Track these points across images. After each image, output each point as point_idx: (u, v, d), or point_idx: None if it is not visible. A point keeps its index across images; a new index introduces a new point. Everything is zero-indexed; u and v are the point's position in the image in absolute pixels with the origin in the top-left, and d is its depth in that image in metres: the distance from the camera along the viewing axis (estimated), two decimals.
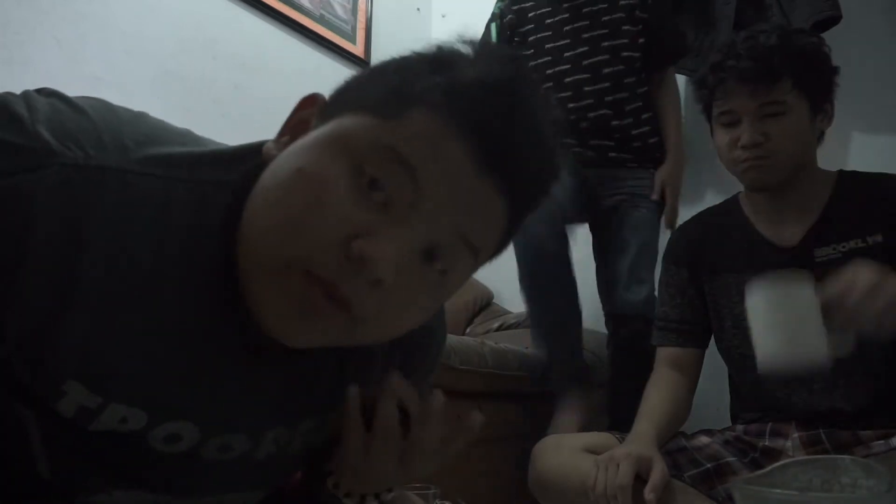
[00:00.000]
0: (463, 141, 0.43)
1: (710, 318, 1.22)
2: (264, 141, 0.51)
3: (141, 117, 0.51)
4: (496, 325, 2.29)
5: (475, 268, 0.50)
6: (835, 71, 1.08)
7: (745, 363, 1.16)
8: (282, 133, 0.50)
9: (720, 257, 1.18)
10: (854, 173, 1.12)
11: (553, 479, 1.12)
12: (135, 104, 0.58)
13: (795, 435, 1.04)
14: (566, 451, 1.13)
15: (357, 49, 2.55)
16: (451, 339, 1.52)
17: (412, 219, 0.43)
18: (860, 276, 0.80)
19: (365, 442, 0.54)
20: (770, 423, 1.09)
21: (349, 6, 2.55)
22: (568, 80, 1.72)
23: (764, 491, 0.60)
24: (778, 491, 0.61)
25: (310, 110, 0.49)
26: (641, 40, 1.70)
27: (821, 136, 1.12)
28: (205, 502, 0.57)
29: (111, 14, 1.75)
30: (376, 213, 0.42)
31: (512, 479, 1.41)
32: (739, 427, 1.14)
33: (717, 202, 1.95)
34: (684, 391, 1.20)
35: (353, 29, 2.55)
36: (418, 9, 2.96)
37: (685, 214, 1.51)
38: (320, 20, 2.39)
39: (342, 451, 0.55)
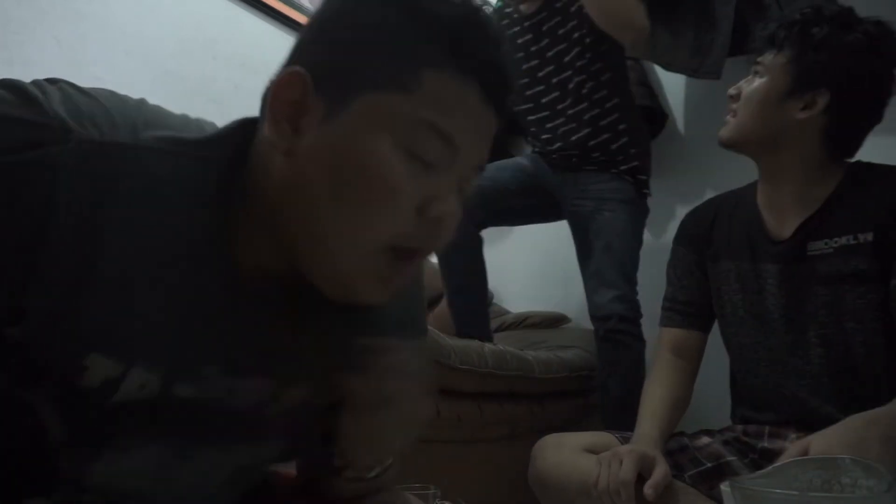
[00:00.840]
0: (472, 87, 0.50)
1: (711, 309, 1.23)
2: (245, 119, 0.57)
3: (143, 103, 0.56)
4: (496, 325, 2.29)
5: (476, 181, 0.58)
6: (871, 74, 1.03)
7: (742, 352, 1.17)
8: (274, 118, 0.51)
9: (723, 243, 1.18)
10: (865, 166, 1.11)
11: (553, 477, 1.12)
12: None
13: (793, 436, 1.04)
14: (566, 450, 1.13)
15: None
16: (451, 339, 1.52)
17: (453, 170, 0.51)
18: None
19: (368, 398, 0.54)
20: (768, 426, 1.09)
21: None
22: (544, 100, 1.75)
23: (764, 491, 0.60)
24: (778, 491, 0.61)
25: (293, 90, 0.51)
26: (588, 39, 1.66)
27: (838, 143, 1.08)
28: (217, 458, 0.58)
29: (111, 14, 1.75)
30: (427, 176, 0.49)
31: (512, 478, 1.41)
32: (739, 427, 1.15)
33: None
34: (686, 378, 1.21)
35: None
36: None
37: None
38: None
39: (345, 418, 0.55)
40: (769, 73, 1.06)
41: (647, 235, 2.13)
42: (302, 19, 2.30)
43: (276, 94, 0.52)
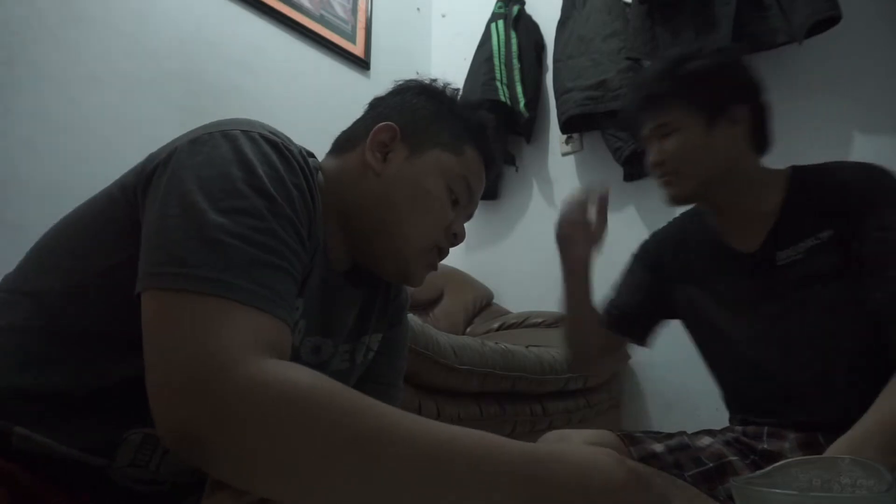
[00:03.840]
0: (484, 164, 0.83)
1: (652, 322, 1.26)
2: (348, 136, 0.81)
3: None
4: (496, 325, 2.29)
5: None
6: (732, 83, 1.10)
7: (728, 367, 1.18)
8: (372, 150, 0.77)
9: (690, 266, 1.20)
10: (805, 169, 1.12)
11: None
12: (135, 104, 0.60)
13: (792, 436, 1.05)
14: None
15: (357, 49, 2.55)
16: (452, 338, 1.52)
17: (466, 209, 0.82)
18: None
19: None
20: (767, 427, 1.10)
21: (349, 6, 2.55)
22: None
23: (764, 491, 0.60)
24: (778, 491, 0.61)
25: (387, 135, 0.77)
26: None
27: (761, 141, 1.12)
28: None
29: (111, 14, 1.75)
30: (453, 210, 0.79)
31: None
32: (739, 428, 1.15)
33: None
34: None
35: (353, 29, 2.55)
36: (418, 9, 2.96)
37: None
38: (320, 20, 2.40)
39: None
40: (678, 126, 1.08)
41: (647, 236, 2.13)
42: (302, 19, 2.31)
43: (375, 135, 0.76)
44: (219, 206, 0.52)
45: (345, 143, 0.80)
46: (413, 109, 0.80)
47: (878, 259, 0.97)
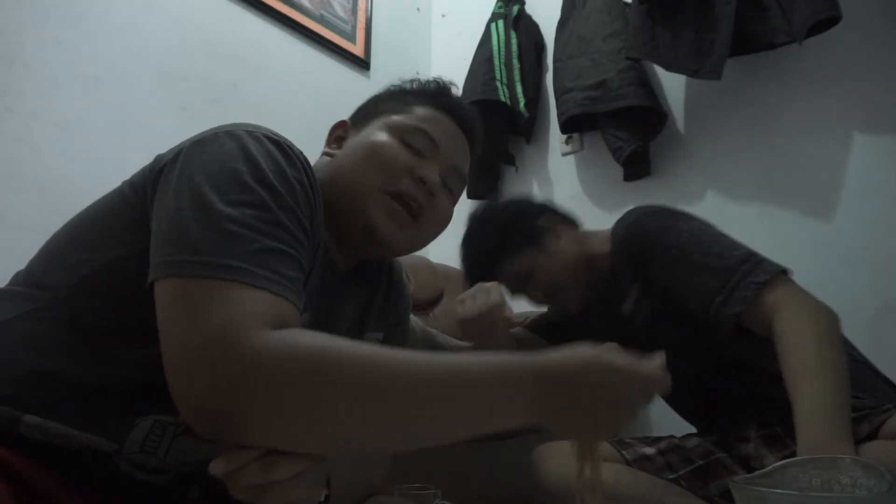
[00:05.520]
0: (448, 117, 0.83)
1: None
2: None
3: None
4: None
5: (461, 190, 0.87)
6: (525, 216, 1.26)
7: None
8: (328, 143, 0.85)
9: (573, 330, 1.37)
10: (614, 227, 1.23)
11: (554, 483, 1.12)
12: (135, 104, 0.61)
13: (754, 435, 1.06)
14: (566, 456, 1.14)
15: (357, 49, 2.55)
16: (452, 339, 1.51)
17: (435, 159, 0.81)
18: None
19: None
20: (731, 432, 1.12)
21: (349, 6, 2.55)
22: None
23: (764, 491, 0.60)
24: (778, 491, 0.61)
25: (342, 130, 0.84)
26: None
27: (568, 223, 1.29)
28: None
29: (111, 14, 1.75)
30: (418, 158, 0.79)
31: (512, 479, 1.41)
32: (716, 435, 1.17)
33: (718, 202, 1.96)
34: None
35: (353, 29, 2.55)
36: (418, 9, 2.95)
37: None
38: (320, 20, 2.40)
39: None
40: (527, 268, 1.22)
41: None
42: (302, 19, 2.31)
43: (331, 133, 0.86)
44: (227, 199, 0.55)
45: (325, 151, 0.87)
46: (369, 105, 0.86)
47: (679, 295, 1.07)
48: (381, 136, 0.78)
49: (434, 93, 0.85)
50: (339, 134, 0.84)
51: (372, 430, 0.50)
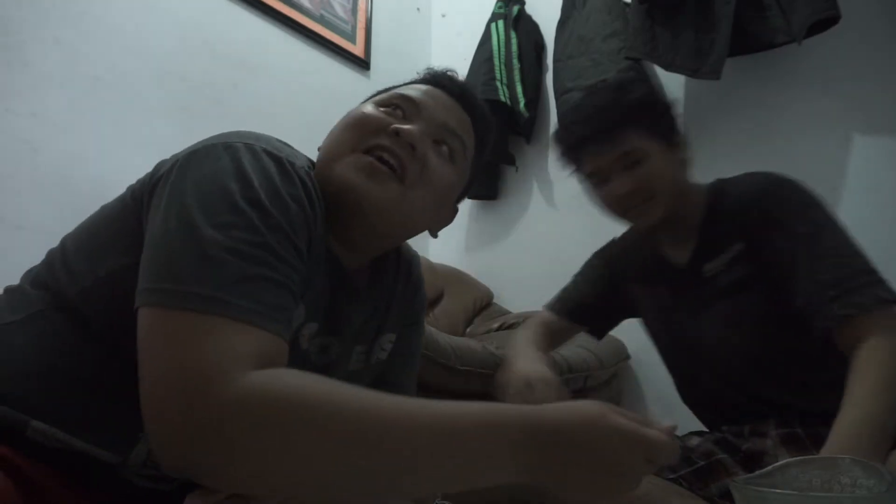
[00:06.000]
0: (431, 85, 0.80)
1: (609, 315, 1.34)
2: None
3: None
4: (496, 325, 2.29)
5: (467, 157, 0.80)
6: (669, 106, 1.15)
7: (674, 370, 1.25)
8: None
9: (635, 270, 1.27)
10: (721, 184, 1.18)
11: None
12: (135, 104, 0.61)
13: (774, 433, 1.06)
14: None
15: (357, 49, 2.55)
16: (452, 339, 1.52)
17: (420, 120, 0.75)
18: None
19: None
20: (747, 426, 1.11)
21: (349, 6, 2.55)
22: None
23: (764, 491, 0.60)
24: (778, 491, 0.61)
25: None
26: None
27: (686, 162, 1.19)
28: None
29: (111, 14, 1.75)
30: (401, 119, 0.74)
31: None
32: (724, 428, 1.16)
33: None
34: (547, 346, 1.28)
35: (353, 29, 2.55)
36: (418, 9, 2.96)
37: None
38: (320, 20, 2.40)
39: None
40: (645, 153, 1.09)
41: None
42: (302, 19, 2.31)
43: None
44: (214, 221, 0.53)
45: None
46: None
47: (789, 269, 1.01)
48: (361, 109, 0.75)
49: (426, 74, 0.83)
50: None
51: (354, 482, 0.48)
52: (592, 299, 1.31)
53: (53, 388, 0.59)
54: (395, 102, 0.75)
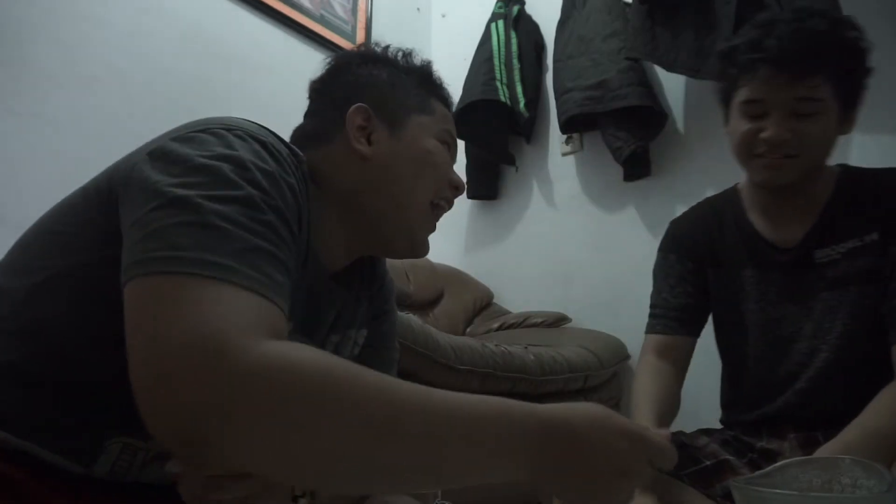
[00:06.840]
0: (448, 108, 0.84)
1: (707, 309, 1.21)
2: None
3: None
4: (496, 325, 2.29)
5: None
6: (868, 72, 1.02)
7: (744, 357, 1.16)
8: (355, 138, 0.75)
9: (720, 250, 1.17)
10: (854, 170, 1.11)
11: None
12: (135, 104, 0.61)
13: (792, 436, 1.05)
14: None
15: None
16: (452, 339, 1.52)
17: (454, 159, 0.83)
18: None
19: None
20: (766, 426, 1.10)
21: (349, 6, 2.55)
22: None
23: (764, 491, 0.60)
24: (778, 491, 0.61)
25: (361, 116, 0.75)
26: None
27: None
28: None
29: (111, 14, 1.75)
30: (449, 159, 0.81)
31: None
32: (737, 427, 1.15)
33: None
34: (675, 382, 1.17)
35: (353, 29, 2.55)
36: (418, 9, 2.95)
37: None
38: (320, 20, 2.40)
39: None
40: (825, 108, 0.98)
41: (647, 236, 2.14)
42: (302, 19, 2.31)
43: (351, 121, 0.75)
44: (213, 196, 0.50)
45: (316, 136, 0.77)
46: (370, 84, 0.79)
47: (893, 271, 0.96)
48: (432, 144, 0.78)
49: (429, 80, 0.84)
50: (360, 124, 0.75)
51: (366, 463, 0.45)
52: (688, 300, 1.18)
53: (12, 391, 0.57)
54: (447, 141, 0.81)
